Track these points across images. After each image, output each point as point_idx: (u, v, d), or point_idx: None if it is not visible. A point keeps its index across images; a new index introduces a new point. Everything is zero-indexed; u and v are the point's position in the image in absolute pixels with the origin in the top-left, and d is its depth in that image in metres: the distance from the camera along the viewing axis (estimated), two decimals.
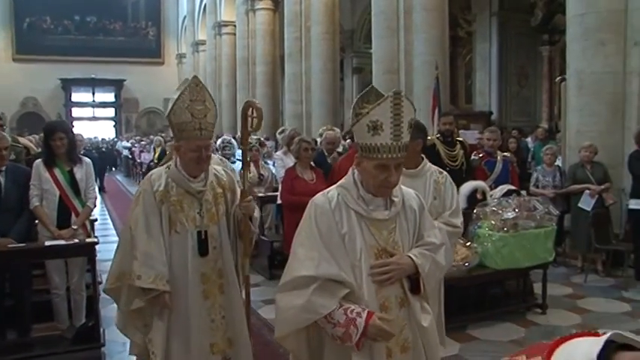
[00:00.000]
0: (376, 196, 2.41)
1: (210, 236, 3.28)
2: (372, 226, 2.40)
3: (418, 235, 2.52)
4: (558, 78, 10.23)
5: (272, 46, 21.35)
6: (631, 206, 7.02)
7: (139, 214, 3.22)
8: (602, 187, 7.30)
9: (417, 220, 2.52)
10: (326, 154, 6.98)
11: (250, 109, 3.47)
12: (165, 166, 3.41)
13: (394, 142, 2.29)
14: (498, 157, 7.01)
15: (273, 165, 9.06)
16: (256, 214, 3.49)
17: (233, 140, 9.05)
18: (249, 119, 3.45)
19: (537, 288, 6.10)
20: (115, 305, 3.53)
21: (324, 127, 8.96)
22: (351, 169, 2.49)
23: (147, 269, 3.13)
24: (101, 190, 19.13)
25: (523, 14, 18.64)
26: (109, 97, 38.43)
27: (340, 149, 6.92)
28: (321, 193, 2.51)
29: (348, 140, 7.55)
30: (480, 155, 7.06)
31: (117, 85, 37.71)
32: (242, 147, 3.58)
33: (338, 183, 2.52)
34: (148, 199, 3.24)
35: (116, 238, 10.89)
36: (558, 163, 8.48)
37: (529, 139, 13.71)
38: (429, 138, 7.19)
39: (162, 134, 24.94)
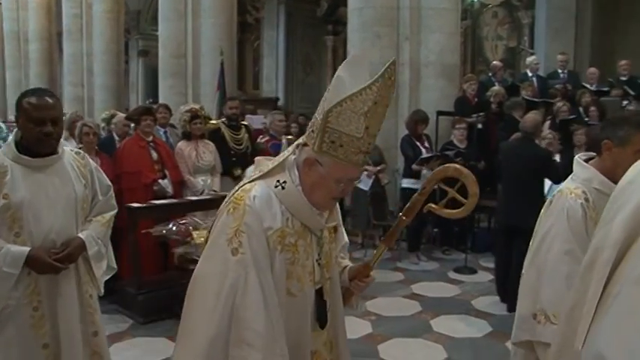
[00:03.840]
0: None
1: (326, 295, 2.11)
2: None
3: None
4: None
5: (47, 21, 19.64)
6: (403, 185, 7.69)
7: (244, 272, 1.86)
8: (378, 168, 7.86)
9: None
10: (117, 138, 6.78)
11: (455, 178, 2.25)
12: (269, 180, 1.97)
13: None
14: (283, 140, 7.25)
15: None
16: None
17: (2, 124, 8.29)
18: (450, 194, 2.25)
19: None
20: None
21: (108, 112, 8.71)
22: None
23: None
24: None
25: (309, 4, 19.33)
26: None
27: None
28: None
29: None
30: (266, 139, 7.25)
31: None
32: (403, 217, 2.24)
33: None
34: (258, 244, 1.88)
35: None
36: None
37: None
38: (213, 122, 7.29)
39: None
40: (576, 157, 2.64)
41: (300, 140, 1.99)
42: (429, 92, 8.32)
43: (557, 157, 7.05)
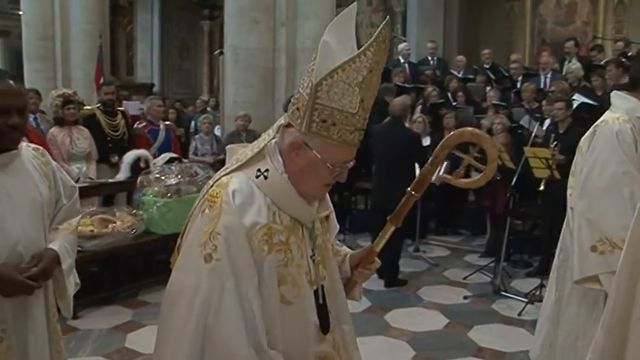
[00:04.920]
0: None
1: (327, 295, 1.80)
2: None
3: None
4: (217, 52, 10.71)
5: None
6: None
7: (219, 283, 1.55)
8: None
9: None
10: None
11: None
12: (249, 170, 1.67)
13: None
14: (161, 126, 7.15)
15: None
16: None
17: None
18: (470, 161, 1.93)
19: None
20: None
21: None
22: None
23: None
24: None
25: None
26: None
27: None
28: None
29: None
30: (143, 124, 7.13)
31: None
32: (412, 193, 1.92)
33: None
34: (238, 247, 1.57)
35: None
36: (217, 131, 8.99)
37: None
38: (88, 107, 7.06)
39: None
40: (614, 91, 2.71)
41: (282, 121, 1.68)
42: None
43: (428, 139, 7.46)
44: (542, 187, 5.64)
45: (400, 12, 14.69)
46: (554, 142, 5.90)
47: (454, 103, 8.67)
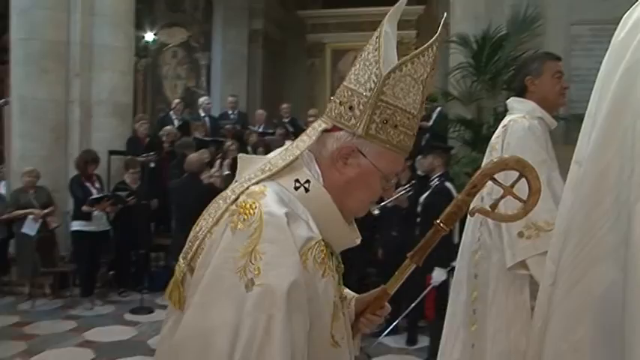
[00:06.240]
0: None
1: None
2: None
3: None
4: (1, 101, 9.99)
5: None
6: (74, 228, 7.42)
7: (265, 316, 1.17)
8: (46, 211, 7.47)
9: None
10: None
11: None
12: (284, 180, 1.34)
13: None
14: None
15: None
16: None
17: None
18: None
19: None
20: None
21: None
22: None
23: None
24: None
25: None
26: None
27: None
28: None
29: None
30: None
31: None
32: (440, 225, 1.56)
33: None
34: (289, 268, 1.21)
35: None
36: (3, 189, 8.32)
37: None
38: None
39: None
40: (512, 97, 2.97)
41: (322, 124, 1.37)
42: (100, 131, 8.20)
43: None
44: (376, 212, 5.83)
45: (205, 65, 14.81)
46: None
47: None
